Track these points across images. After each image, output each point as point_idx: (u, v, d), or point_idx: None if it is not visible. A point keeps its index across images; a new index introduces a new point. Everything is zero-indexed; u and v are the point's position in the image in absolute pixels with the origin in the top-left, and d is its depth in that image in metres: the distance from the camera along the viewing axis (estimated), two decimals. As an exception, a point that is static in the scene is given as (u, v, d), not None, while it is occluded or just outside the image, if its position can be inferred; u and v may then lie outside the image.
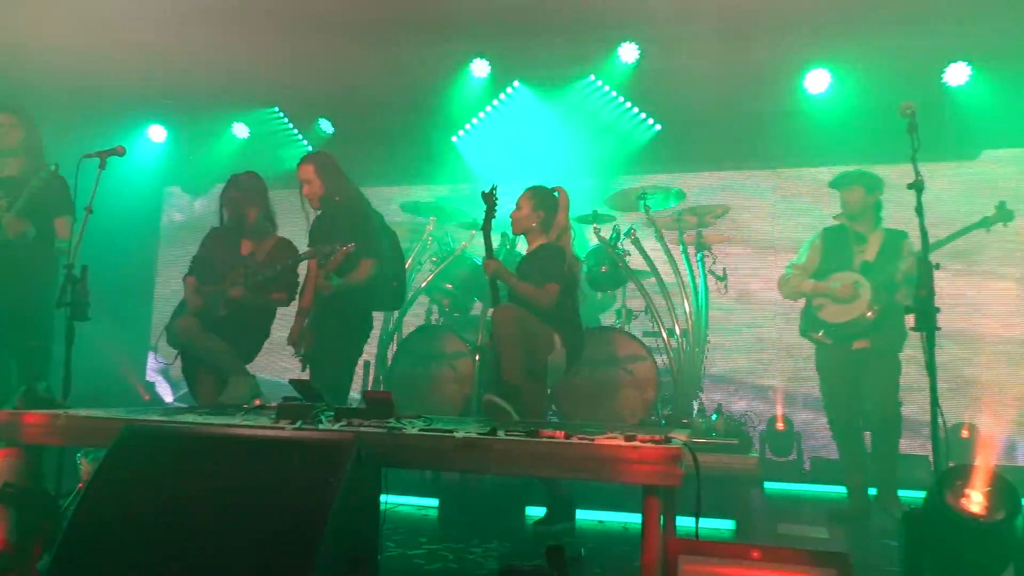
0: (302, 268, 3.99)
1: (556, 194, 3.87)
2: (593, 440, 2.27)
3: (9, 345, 3.91)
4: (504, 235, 5.09)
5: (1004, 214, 4.04)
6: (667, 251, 5.01)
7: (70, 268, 3.27)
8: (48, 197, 3.92)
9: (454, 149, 6.40)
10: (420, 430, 2.47)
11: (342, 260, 3.67)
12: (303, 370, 3.95)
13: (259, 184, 4.00)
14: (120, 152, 3.51)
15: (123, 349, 6.48)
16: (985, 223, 4.05)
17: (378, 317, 4.71)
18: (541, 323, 3.60)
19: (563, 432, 2.36)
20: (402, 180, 6.74)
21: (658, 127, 6.01)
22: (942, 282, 2.99)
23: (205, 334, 3.70)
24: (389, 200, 6.29)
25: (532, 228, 3.86)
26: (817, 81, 5.45)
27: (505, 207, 3.99)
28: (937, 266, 2.97)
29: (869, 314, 4.05)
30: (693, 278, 5.05)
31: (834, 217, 4.35)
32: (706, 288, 5.07)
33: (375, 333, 5.11)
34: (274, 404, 3.02)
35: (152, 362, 6.89)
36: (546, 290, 3.66)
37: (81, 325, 3.24)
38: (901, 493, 3.96)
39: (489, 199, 3.79)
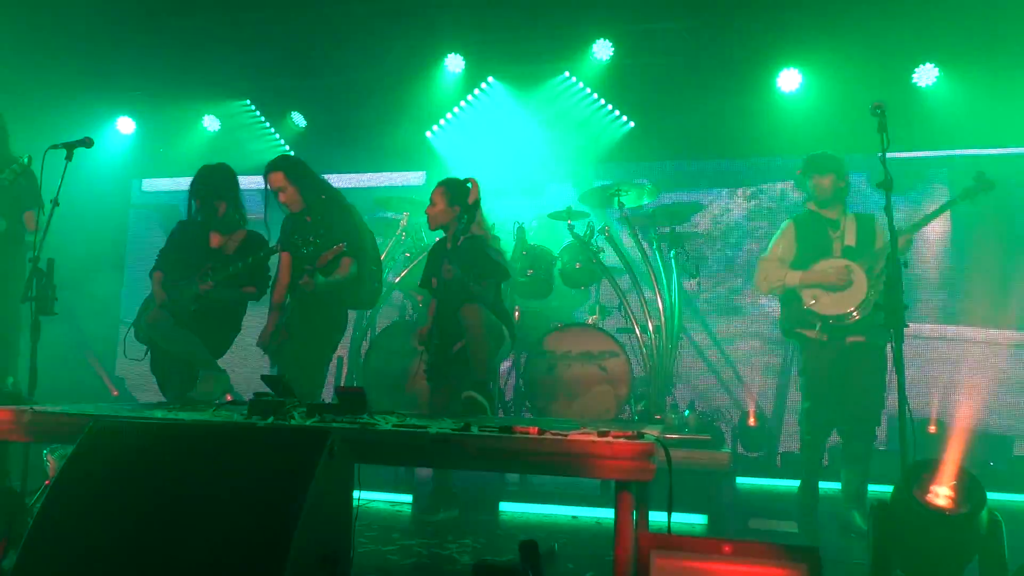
0: (273, 262, 3.95)
1: (469, 185, 3.85)
2: (567, 436, 2.28)
3: (-27, 340, 3.83)
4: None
5: (984, 183, 3.69)
6: (640, 247, 5.04)
7: (35, 261, 3.21)
8: (18, 191, 3.83)
9: (428, 144, 6.37)
10: (393, 426, 2.46)
11: (330, 259, 3.64)
12: (273, 367, 3.91)
13: (229, 176, 3.95)
14: (88, 144, 3.45)
15: (90, 344, 6.37)
16: (967, 194, 3.71)
17: (351, 313, 4.68)
18: (495, 319, 3.65)
19: (536, 428, 2.37)
20: (375, 175, 6.70)
21: (632, 124, 6.04)
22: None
23: (174, 329, 3.65)
24: (362, 195, 6.26)
25: (450, 223, 3.85)
26: (789, 80, 5.52)
27: (486, 203, 3.99)
28: (906, 264, 3.02)
29: (869, 297, 3.66)
30: (666, 274, 5.09)
31: (806, 204, 4.03)
32: (679, 284, 5.12)
33: (348, 331, 5.09)
34: (246, 400, 2.99)
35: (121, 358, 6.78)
36: (484, 286, 3.71)
37: (48, 319, 3.18)
38: (873, 487, 3.97)
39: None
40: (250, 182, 5.93)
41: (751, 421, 5.31)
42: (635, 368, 4.59)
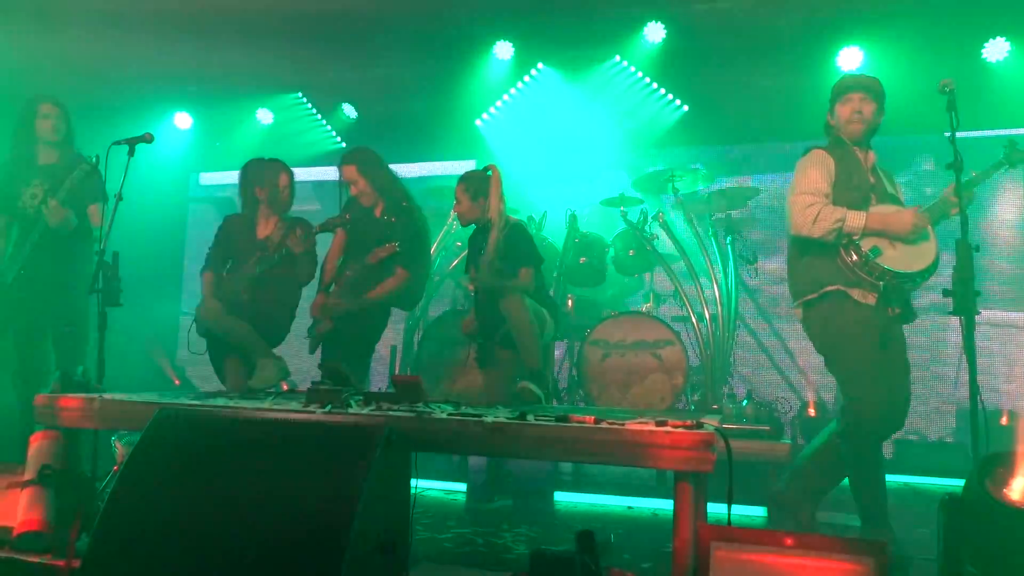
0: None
1: (489, 173, 3.84)
2: (624, 425, 2.27)
3: (47, 331, 4.00)
4: (530, 219, 5.09)
5: (1018, 153, 3.11)
6: (695, 234, 4.97)
7: (101, 254, 3.32)
8: (86, 187, 3.98)
9: (478, 132, 6.38)
10: (450, 414, 2.48)
11: (384, 257, 3.71)
12: (311, 352, 3.98)
13: (274, 167, 4.02)
14: (148, 139, 3.55)
15: (153, 334, 6.58)
16: (1010, 161, 3.11)
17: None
18: (538, 307, 3.67)
19: (593, 417, 2.37)
20: (425, 164, 6.75)
21: (685, 108, 5.94)
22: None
23: (230, 317, 3.75)
24: (412, 185, 6.31)
25: (478, 218, 3.86)
26: (850, 59, 5.35)
27: (523, 192, 4.00)
28: (977, 248, 2.90)
29: (937, 261, 3.03)
30: (722, 261, 5.01)
31: (834, 133, 3.25)
32: (736, 271, 5.03)
33: (401, 316, 5.16)
34: (303, 388, 3.05)
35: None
36: (522, 276, 3.70)
37: (113, 310, 3.29)
38: (937, 481, 3.86)
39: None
40: (304, 174, 6.06)
41: (811, 412, 5.21)
42: (691, 357, 4.55)
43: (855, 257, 3.03)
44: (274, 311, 3.91)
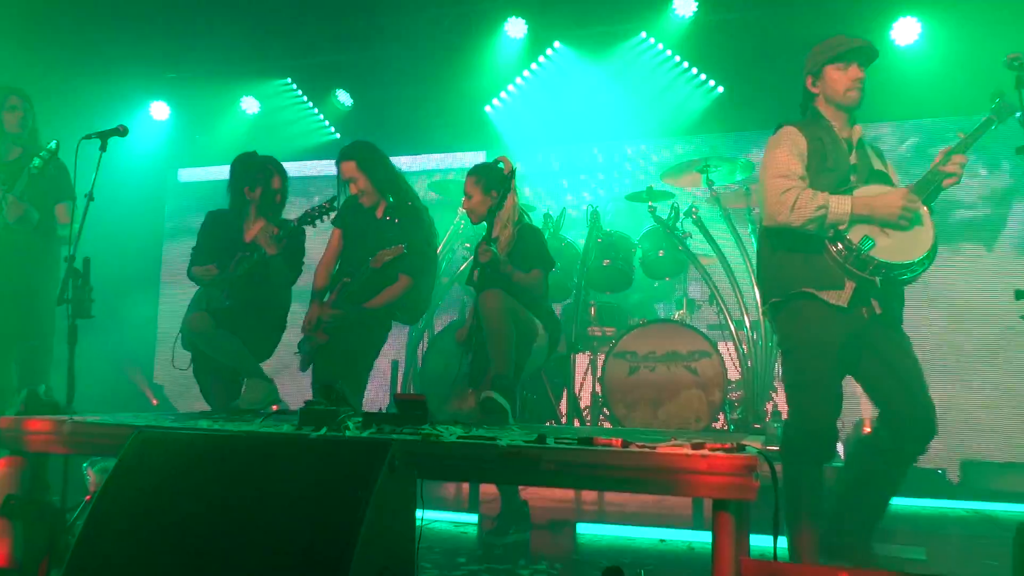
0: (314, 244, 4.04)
1: (501, 165, 3.86)
2: (655, 448, 2.26)
3: (9, 344, 4.02)
4: (547, 216, 5.10)
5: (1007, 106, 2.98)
6: (734, 231, 4.95)
7: (71, 260, 3.35)
8: (48, 181, 4.02)
9: (487, 120, 6.41)
10: (459, 437, 2.49)
11: (391, 260, 3.73)
12: (303, 369, 4.00)
13: (267, 167, 4.06)
14: (122, 132, 3.58)
15: (129, 348, 6.64)
16: (999, 115, 2.98)
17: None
18: (525, 311, 3.66)
19: (620, 440, 2.36)
20: (428, 156, 6.77)
21: (720, 89, 5.93)
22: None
23: (217, 332, 3.77)
24: (416, 179, 6.33)
25: (490, 213, 3.86)
26: (905, 31, 5.32)
27: (538, 186, 4.00)
28: None
29: (936, 248, 2.93)
30: (764, 262, 4.99)
31: (809, 105, 3.19)
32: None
33: (404, 327, 5.17)
34: (295, 408, 3.07)
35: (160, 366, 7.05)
36: (532, 276, 3.73)
37: (84, 322, 3.32)
38: (1011, 507, 3.82)
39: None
40: (295, 169, 6.08)
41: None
42: (730, 370, 4.53)
43: (842, 249, 2.91)
44: (260, 321, 3.93)
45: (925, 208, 2.95)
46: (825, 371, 2.95)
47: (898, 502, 4.78)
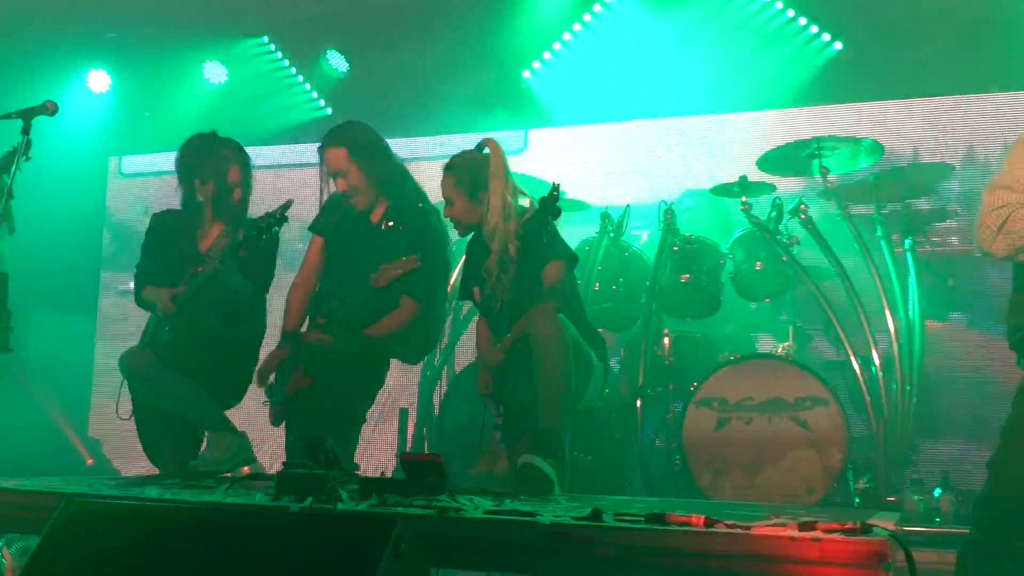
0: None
1: (486, 151, 3.88)
2: (750, 529, 2.24)
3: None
4: (605, 216, 5.08)
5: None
6: (858, 236, 4.90)
7: (-17, 277, 3.42)
8: None
9: (526, 89, 6.44)
10: (486, 512, 2.48)
11: (399, 276, 3.76)
12: (275, 422, 4.03)
13: (223, 152, 4.09)
14: (50, 110, 3.65)
15: (57, 392, 6.72)
16: None
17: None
18: (580, 338, 3.66)
19: (702, 517, 2.34)
20: (448, 137, 6.80)
21: (838, 45, 5.90)
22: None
23: (167, 372, 3.81)
24: (427, 169, 6.35)
25: (480, 222, 3.89)
26: None
27: (592, 176, 3.98)
28: None
29: None
30: (899, 277, 4.92)
31: None
32: (920, 292, 4.94)
33: (415, 369, 5.17)
34: (272, 473, 3.08)
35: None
36: (549, 274, 3.73)
37: (0, 358, 3.38)
38: None
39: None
40: (273, 156, 6.12)
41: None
42: (853, 423, 4.46)
43: None
44: (221, 356, 3.97)
45: None
46: None
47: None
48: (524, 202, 3.91)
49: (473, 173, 3.87)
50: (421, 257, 3.80)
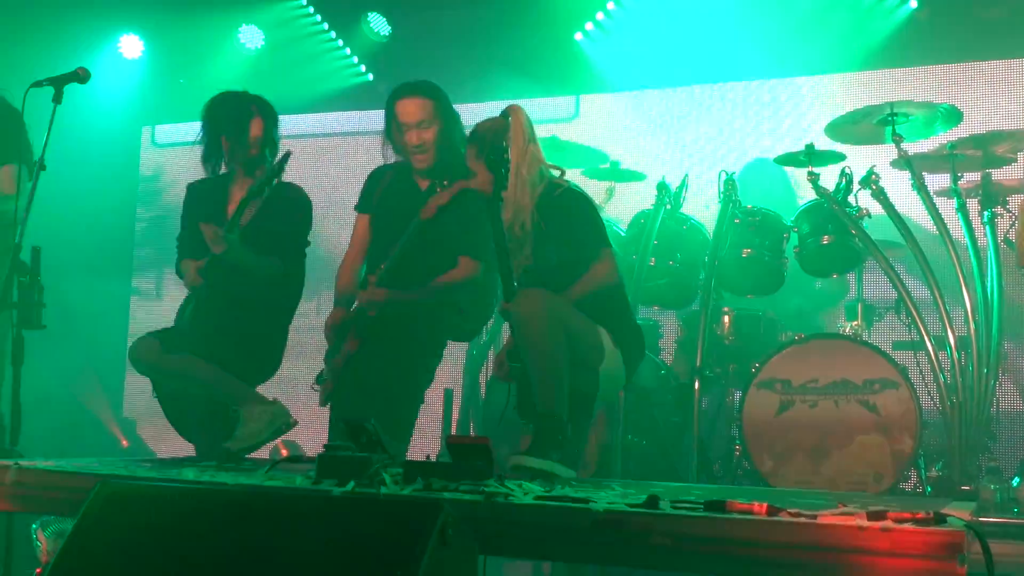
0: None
1: (508, 118, 3.83)
2: (815, 518, 2.24)
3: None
4: (663, 187, 5.06)
5: None
6: (933, 209, 4.84)
7: (16, 250, 3.47)
8: None
9: (578, 51, 6.42)
10: (536, 497, 2.50)
11: (445, 204, 3.78)
12: (323, 403, 4.07)
13: (241, 105, 4.12)
14: (82, 77, 3.70)
15: (91, 370, 6.84)
16: None
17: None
18: (583, 317, 3.63)
19: (766, 505, 2.35)
20: (495, 104, 6.79)
21: (913, 3, 5.82)
22: None
23: (174, 357, 3.82)
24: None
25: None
26: None
27: (647, 145, 3.95)
28: None
29: None
30: (976, 253, 4.86)
31: None
32: (999, 269, 4.87)
33: (460, 347, 5.20)
34: (312, 456, 3.12)
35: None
36: (599, 271, 3.70)
37: (32, 334, 3.44)
38: None
39: None
40: (311, 124, 6.16)
41: None
42: (926, 407, 4.44)
43: None
44: (253, 327, 4.01)
45: None
46: None
47: None
48: (556, 172, 3.88)
49: (493, 143, 3.81)
50: (474, 222, 3.82)
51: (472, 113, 6.67)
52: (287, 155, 3.94)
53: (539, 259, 3.74)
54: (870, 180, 4.88)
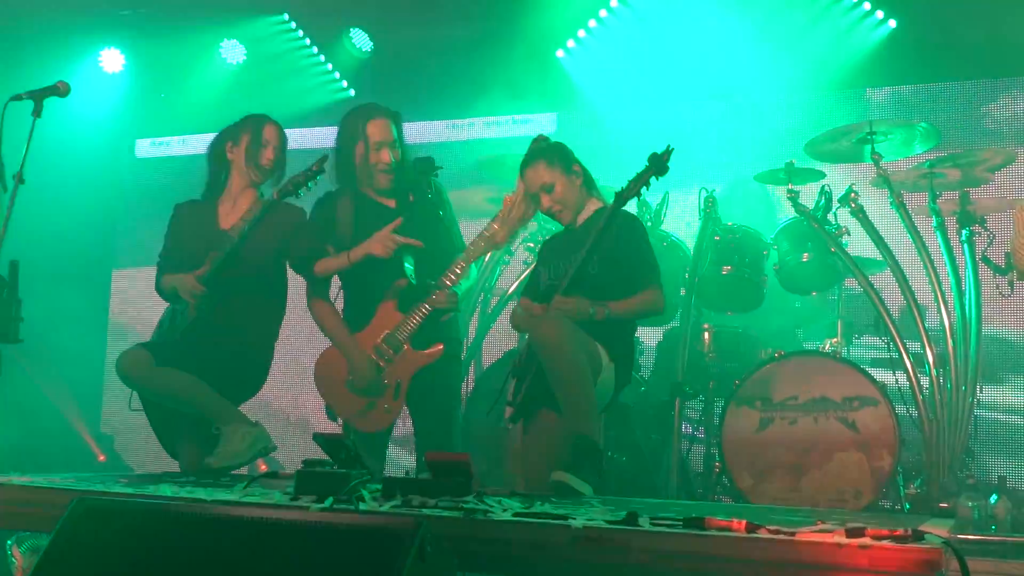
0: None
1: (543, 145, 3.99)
2: (794, 535, 2.24)
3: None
4: (643, 204, 5.07)
5: None
6: (911, 227, 4.87)
7: (-7, 264, 3.45)
8: None
9: (559, 69, 6.44)
10: (515, 514, 2.49)
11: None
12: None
13: (257, 118, 4.16)
14: (62, 91, 3.68)
15: (68, 385, 6.79)
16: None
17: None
18: (584, 333, 3.67)
19: (744, 522, 2.35)
20: (476, 120, 6.80)
21: (892, 23, 5.86)
22: None
23: (163, 371, 3.83)
24: (457, 154, 6.35)
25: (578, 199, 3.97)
26: None
27: (628, 162, 3.98)
28: None
29: None
30: (954, 271, 4.89)
31: None
32: (977, 287, 4.90)
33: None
34: (288, 472, 3.10)
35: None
36: (648, 297, 3.81)
37: (9, 349, 3.41)
38: None
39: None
40: (291, 139, 6.11)
41: None
42: (905, 425, 4.45)
43: None
44: (245, 341, 4.02)
45: None
46: None
47: None
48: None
49: (559, 149, 3.93)
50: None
51: (453, 129, 6.72)
52: (325, 157, 4.04)
53: (586, 269, 3.76)
54: (848, 198, 4.91)
